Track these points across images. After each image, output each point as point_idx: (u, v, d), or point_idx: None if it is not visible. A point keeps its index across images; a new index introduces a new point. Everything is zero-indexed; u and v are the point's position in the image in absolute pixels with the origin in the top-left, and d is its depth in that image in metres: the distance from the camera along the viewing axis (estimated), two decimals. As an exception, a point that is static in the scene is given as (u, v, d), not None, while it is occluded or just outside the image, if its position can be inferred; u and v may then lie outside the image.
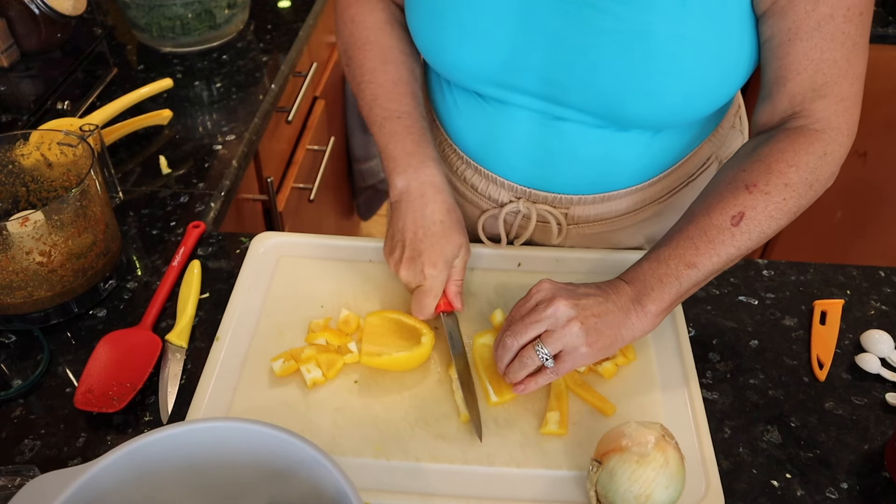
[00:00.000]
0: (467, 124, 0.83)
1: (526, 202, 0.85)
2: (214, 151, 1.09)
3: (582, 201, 0.84)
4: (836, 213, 1.84)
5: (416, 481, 0.66)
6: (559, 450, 0.68)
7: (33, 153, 0.84)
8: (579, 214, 0.85)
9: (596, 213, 0.85)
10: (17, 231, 0.73)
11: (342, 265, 0.86)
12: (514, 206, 0.85)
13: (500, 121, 0.79)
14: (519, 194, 0.85)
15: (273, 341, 0.77)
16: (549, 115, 0.76)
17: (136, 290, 0.85)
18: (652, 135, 0.78)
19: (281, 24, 1.44)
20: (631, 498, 0.59)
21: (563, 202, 0.84)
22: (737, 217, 0.69)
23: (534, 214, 0.85)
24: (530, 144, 0.79)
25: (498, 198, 0.86)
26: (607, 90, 0.70)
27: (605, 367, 0.74)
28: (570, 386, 0.73)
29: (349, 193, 2.04)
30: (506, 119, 0.79)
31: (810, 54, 0.67)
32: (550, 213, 0.85)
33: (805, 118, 0.71)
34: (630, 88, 0.69)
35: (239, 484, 0.57)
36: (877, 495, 0.67)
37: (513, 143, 0.80)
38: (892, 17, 1.55)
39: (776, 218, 0.70)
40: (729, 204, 0.69)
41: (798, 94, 0.70)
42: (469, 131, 0.83)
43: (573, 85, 0.72)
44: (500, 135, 0.80)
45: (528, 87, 0.74)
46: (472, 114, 0.81)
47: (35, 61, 1.17)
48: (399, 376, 0.74)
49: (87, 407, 0.70)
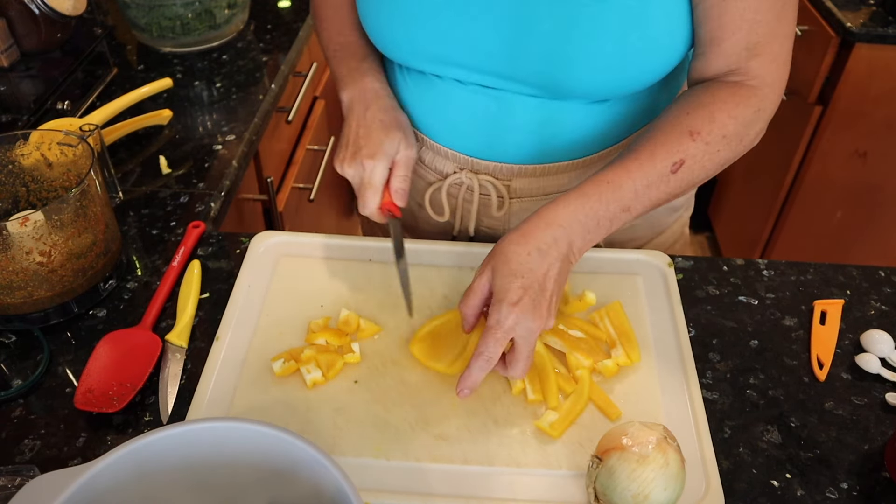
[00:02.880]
0: (412, 98, 0.85)
1: (469, 173, 0.86)
2: (214, 151, 1.09)
3: (523, 172, 0.84)
4: (836, 213, 1.84)
5: (416, 481, 0.66)
6: (559, 450, 0.68)
7: (33, 153, 0.84)
8: (521, 187, 0.86)
9: (538, 187, 0.86)
10: (17, 231, 0.73)
11: (342, 265, 0.86)
12: (457, 176, 0.86)
13: (440, 93, 0.82)
14: (462, 164, 0.86)
15: (273, 341, 0.77)
16: (488, 87, 0.78)
17: (136, 290, 0.85)
18: (591, 105, 0.78)
19: (281, 24, 1.44)
20: (629, 497, 0.59)
21: (504, 173, 0.85)
22: (677, 164, 0.71)
23: (476, 186, 0.86)
24: (471, 115, 0.81)
25: (443, 170, 0.88)
26: (537, 57, 0.72)
27: (606, 366, 0.74)
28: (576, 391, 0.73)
29: (349, 193, 2.04)
30: (446, 92, 0.81)
31: (745, 15, 0.70)
32: (493, 184, 0.85)
33: (741, 75, 0.73)
34: (557, 54, 0.71)
35: (239, 484, 0.57)
36: (877, 495, 0.67)
37: (455, 114, 0.82)
38: (892, 17, 1.55)
39: (708, 169, 0.73)
40: (672, 149, 0.71)
41: (733, 53, 0.72)
42: (415, 104, 0.86)
43: (505, 54, 0.73)
44: (443, 107, 0.83)
45: (463, 61, 0.76)
46: (416, 87, 0.84)
47: (35, 61, 1.17)
48: (399, 376, 0.74)
49: (87, 407, 0.70)
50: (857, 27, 1.53)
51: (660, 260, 0.86)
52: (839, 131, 1.68)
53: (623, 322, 0.78)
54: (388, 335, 0.78)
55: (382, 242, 0.88)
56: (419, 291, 0.83)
